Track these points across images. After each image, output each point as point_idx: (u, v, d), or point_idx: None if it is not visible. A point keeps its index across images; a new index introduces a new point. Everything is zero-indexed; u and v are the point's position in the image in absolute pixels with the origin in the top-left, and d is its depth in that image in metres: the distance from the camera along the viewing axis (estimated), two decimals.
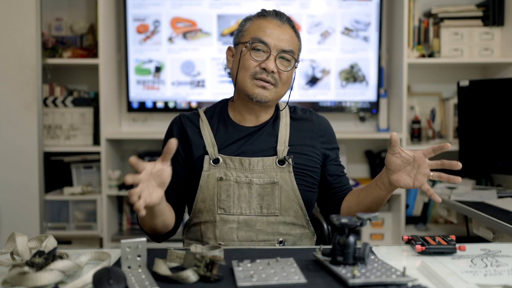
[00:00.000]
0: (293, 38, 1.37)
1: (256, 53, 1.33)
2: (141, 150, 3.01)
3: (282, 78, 1.34)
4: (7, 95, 2.51)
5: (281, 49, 1.33)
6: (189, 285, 0.92)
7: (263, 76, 1.32)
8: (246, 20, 1.40)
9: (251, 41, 1.33)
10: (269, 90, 1.33)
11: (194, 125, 1.40)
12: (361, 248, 0.98)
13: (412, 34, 2.81)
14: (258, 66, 1.32)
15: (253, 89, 1.33)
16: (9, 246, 1.07)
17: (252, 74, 1.33)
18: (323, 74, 2.91)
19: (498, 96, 2.39)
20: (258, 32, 1.34)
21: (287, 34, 1.35)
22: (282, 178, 1.34)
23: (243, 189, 1.33)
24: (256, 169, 1.33)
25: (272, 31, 1.33)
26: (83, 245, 2.80)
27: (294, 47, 1.37)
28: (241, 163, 1.34)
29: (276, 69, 1.32)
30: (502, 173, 2.51)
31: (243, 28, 1.39)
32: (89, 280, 0.90)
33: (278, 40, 1.33)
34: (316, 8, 2.87)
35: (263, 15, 1.37)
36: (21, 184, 2.53)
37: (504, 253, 1.12)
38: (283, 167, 1.35)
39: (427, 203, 2.84)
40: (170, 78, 2.90)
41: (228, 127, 1.39)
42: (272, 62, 1.32)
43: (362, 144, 3.06)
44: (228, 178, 1.33)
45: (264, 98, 1.33)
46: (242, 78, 1.35)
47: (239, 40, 1.39)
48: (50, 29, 2.93)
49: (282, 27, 1.35)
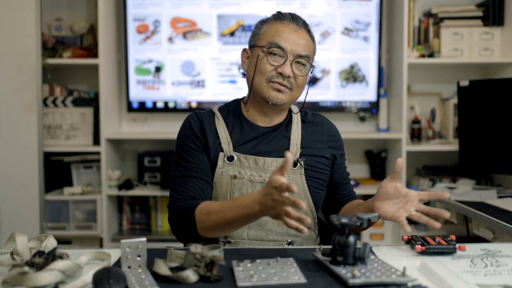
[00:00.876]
0: (309, 42, 1.37)
1: (273, 57, 1.34)
2: (141, 150, 3.01)
3: (297, 82, 1.36)
4: (7, 95, 2.51)
5: (297, 54, 1.34)
6: (189, 285, 0.92)
7: (279, 80, 1.33)
8: (263, 22, 1.40)
9: (268, 45, 1.34)
10: (284, 94, 1.35)
11: (209, 122, 1.39)
12: (361, 248, 0.98)
13: (412, 34, 2.81)
14: (274, 71, 1.33)
15: (269, 92, 1.34)
16: (9, 246, 1.07)
17: (269, 78, 1.34)
18: (323, 74, 2.91)
19: (498, 96, 2.39)
20: (275, 36, 1.34)
21: (303, 38, 1.35)
22: (294, 180, 1.35)
23: (256, 188, 1.33)
24: (270, 169, 1.34)
25: (288, 35, 1.34)
26: (83, 245, 2.80)
27: (310, 51, 1.37)
28: (256, 162, 1.34)
29: (292, 73, 1.34)
30: (502, 173, 2.51)
31: (259, 31, 1.39)
32: (89, 280, 0.90)
33: (295, 44, 1.33)
34: (316, 8, 2.87)
35: (279, 19, 1.37)
36: (21, 184, 2.53)
37: (504, 253, 1.12)
38: (296, 169, 1.36)
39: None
40: (170, 78, 2.90)
41: (243, 126, 1.40)
42: (288, 67, 1.33)
43: (362, 144, 3.06)
44: (242, 176, 1.33)
45: (280, 101, 1.34)
46: (259, 82, 1.35)
47: (255, 43, 1.39)
48: (50, 29, 2.93)
49: (298, 31, 1.35)
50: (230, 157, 1.34)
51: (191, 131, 1.37)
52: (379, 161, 2.98)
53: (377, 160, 2.99)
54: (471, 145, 2.50)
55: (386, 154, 3.00)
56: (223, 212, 1.17)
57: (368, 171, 3.07)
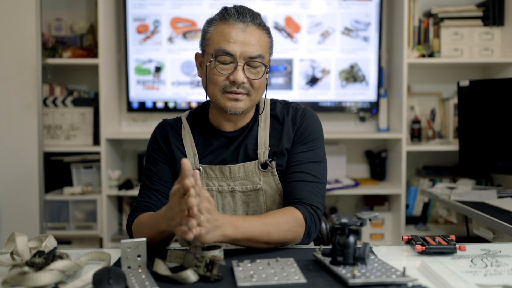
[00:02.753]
0: (260, 39, 1.26)
1: (222, 66, 1.24)
2: (141, 150, 3.01)
3: (254, 85, 1.26)
4: (7, 95, 2.51)
5: (248, 57, 1.23)
6: (189, 285, 0.92)
7: (233, 89, 1.24)
8: (209, 24, 1.29)
9: (215, 53, 1.23)
10: (242, 101, 1.26)
11: (176, 133, 1.35)
12: (361, 248, 0.98)
13: (412, 34, 2.81)
14: (226, 80, 1.24)
15: (225, 102, 1.25)
16: (9, 246, 1.07)
17: (222, 88, 1.25)
18: (323, 74, 2.91)
19: (498, 96, 2.39)
20: (221, 41, 1.23)
21: (252, 36, 1.24)
22: (266, 183, 1.30)
23: (226, 198, 1.30)
24: (238, 176, 1.29)
25: (236, 37, 1.22)
26: (83, 245, 2.80)
27: (263, 49, 1.26)
28: (222, 171, 1.30)
29: (246, 79, 1.24)
30: (502, 173, 2.51)
31: (206, 34, 1.28)
32: (89, 280, 0.90)
33: (244, 45, 1.22)
34: (316, 8, 2.87)
35: (225, 18, 1.25)
36: (21, 184, 2.53)
37: (504, 253, 1.12)
38: (266, 171, 1.30)
39: (427, 203, 2.84)
40: (170, 78, 2.90)
41: (208, 135, 1.34)
42: (240, 73, 1.23)
43: (362, 144, 3.06)
44: (210, 188, 1.30)
45: (238, 109, 1.26)
46: (212, 92, 1.27)
47: (204, 49, 1.29)
48: (50, 29, 2.93)
49: (246, 30, 1.24)
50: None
51: (156, 142, 1.35)
52: (379, 161, 2.98)
53: (377, 160, 2.99)
54: (471, 145, 2.50)
55: (386, 154, 3.00)
56: (148, 228, 1.15)
57: (368, 171, 3.07)
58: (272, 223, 1.13)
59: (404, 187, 2.73)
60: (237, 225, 1.08)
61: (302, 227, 1.19)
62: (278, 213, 1.18)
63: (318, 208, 1.24)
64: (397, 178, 2.79)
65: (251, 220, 1.12)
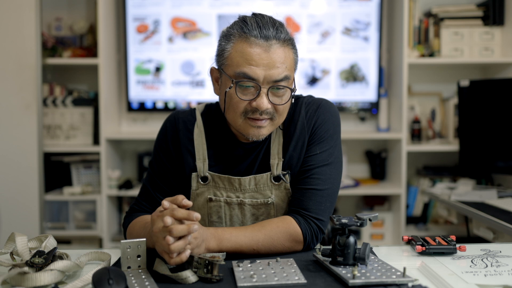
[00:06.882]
0: (286, 58, 1.13)
1: (244, 90, 1.12)
2: (141, 150, 3.01)
3: (278, 110, 1.15)
4: (7, 95, 2.51)
5: (273, 80, 1.11)
6: (189, 285, 0.92)
7: (256, 116, 1.13)
8: (227, 40, 1.14)
9: (235, 78, 1.11)
10: (265, 127, 1.15)
11: (188, 131, 1.25)
12: (361, 249, 0.98)
13: (412, 34, 2.81)
14: (248, 105, 1.13)
15: (246, 129, 1.15)
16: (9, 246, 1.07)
17: (243, 114, 1.14)
18: (323, 74, 2.90)
19: (498, 96, 2.39)
20: (242, 63, 1.10)
21: (277, 55, 1.11)
22: (277, 196, 1.21)
23: (234, 210, 1.22)
24: (248, 188, 1.21)
25: (258, 60, 1.10)
26: (83, 245, 2.80)
27: (289, 68, 1.14)
28: (231, 182, 1.21)
29: (270, 104, 1.13)
30: (502, 173, 2.51)
31: (224, 53, 1.14)
32: (89, 280, 0.90)
33: (268, 68, 1.10)
34: (316, 8, 2.87)
35: (244, 33, 1.11)
36: (21, 184, 2.53)
37: (504, 253, 1.12)
38: (279, 183, 1.20)
39: (427, 204, 2.84)
40: (170, 78, 2.90)
41: (223, 142, 1.24)
42: (264, 100, 1.11)
43: (362, 144, 3.06)
44: (218, 199, 1.22)
45: (261, 137, 1.16)
46: (233, 117, 1.16)
47: (222, 68, 1.16)
48: (50, 29, 2.93)
49: (270, 50, 1.10)
50: (203, 178, 1.22)
51: (165, 140, 1.26)
52: (379, 161, 2.98)
53: (377, 160, 2.99)
54: (471, 145, 2.50)
55: (386, 154, 3.00)
56: (142, 236, 1.12)
57: (368, 171, 3.07)
58: (264, 237, 1.09)
59: (404, 187, 2.72)
60: (222, 238, 1.06)
61: (299, 244, 1.13)
62: (273, 226, 1.11)
63: (323, 220, 1.17)
64: (397, 178, 2.79)
65: (239, 233, 1.08)
